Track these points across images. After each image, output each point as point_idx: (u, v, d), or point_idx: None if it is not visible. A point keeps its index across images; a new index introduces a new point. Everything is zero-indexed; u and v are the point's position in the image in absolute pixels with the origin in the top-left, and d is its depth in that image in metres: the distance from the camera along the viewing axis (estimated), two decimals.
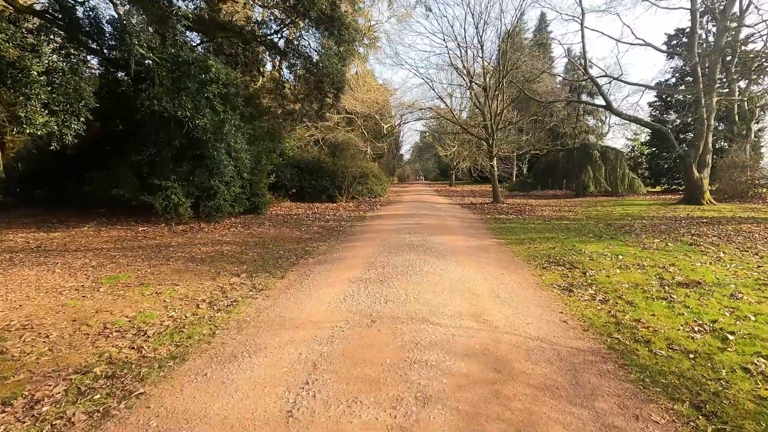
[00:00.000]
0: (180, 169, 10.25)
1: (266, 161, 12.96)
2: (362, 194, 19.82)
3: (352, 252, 7.27)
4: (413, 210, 15.00)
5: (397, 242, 8.12)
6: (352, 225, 11.17)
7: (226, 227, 10.34)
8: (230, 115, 9.11)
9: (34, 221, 10.38)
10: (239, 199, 11.56)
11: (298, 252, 7.51)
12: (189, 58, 8.38)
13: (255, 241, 8.67)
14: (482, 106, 17.97)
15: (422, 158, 75.11)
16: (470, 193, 27.40)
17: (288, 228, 10.50)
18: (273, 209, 14.40)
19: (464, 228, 10.53)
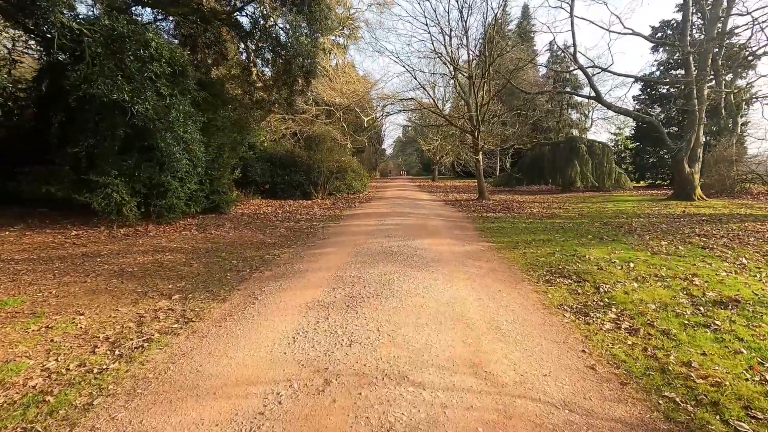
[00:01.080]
0: (124, 162, 8.86)
1: (230, 154, 11.60)
2: (340, 190, 18.57)
3: (318, 262, 6.09)
4: (394, 208, 13.88)
5: (373, 248, 6.96)
6: (325, 226, 9.96)
7: (179, 230, 9.00)
8: (178, 100, 7.76)
9: None
10: (196, 198, 10.20)
11: (254, 262, 6.28)
12: (125, 31, 6.99)
13: (207, 247, 7.39)
14: (467, 96, 16.91)
15: (405, 153, 74.15)
16: (454, 189, 26.46)
17: (250, 230, 9.22)
18: (239, 208, 13.05)
19: (450, 229, 9.46)
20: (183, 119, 7.80)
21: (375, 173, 57.03)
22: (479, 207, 14.23)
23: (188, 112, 8.17)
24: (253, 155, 16.55)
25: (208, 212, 11.13)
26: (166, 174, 9.27)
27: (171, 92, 7.67)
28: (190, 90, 8.42)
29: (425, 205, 15.26)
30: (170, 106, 7.54)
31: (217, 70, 13.32)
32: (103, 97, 7.62)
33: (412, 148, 62.30)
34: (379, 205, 14.69)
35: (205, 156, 10.58)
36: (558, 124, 36.25)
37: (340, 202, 15.97)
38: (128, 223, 8.90)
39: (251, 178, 16.03)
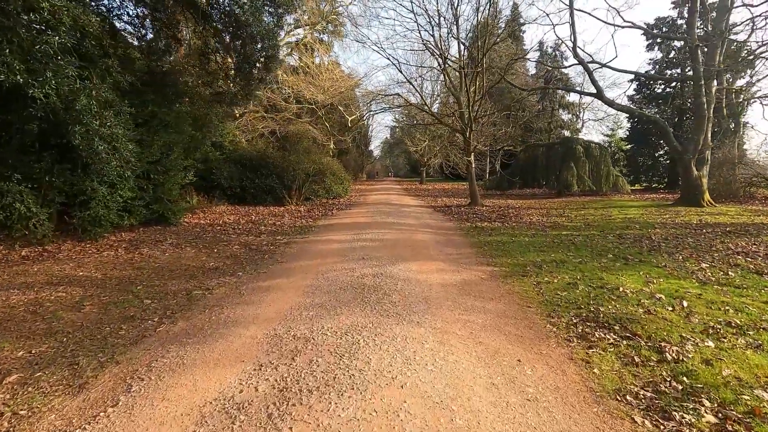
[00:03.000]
0: (36, 164, 7.04)
1: (181, 155, 9.79)
2: (318, 195, 16.82)
3: (259, 304, 4.36)
4: (376, 216, 12.20)
5: (339, 279, 5.27)
6: (289, 241, 8.24)
7: (102, 249, 7.19)
8: (93, 85, 5.98)
9: None
10: (133, 207, 8.39)
11: (173, 302, 4.55)
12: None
13: (125, 275, 5.62)
14: (458, 92, 15.36)
15: (393, 154, 72.68)
16: (443, 192, 24.92)
17: (195, 248, 7.46)
18: (197, 217, 11.24)
19: (441, 245, 7.83)
20: (98, 109, 6.03)
21: (362, 175, 55.32)
22: (472, 215, 12.65)
23: (108, 100, 6.38)
24: (220, 156, 14.74)
25: (152, 224, 9.31)
26: (92, 179, 7.47)
27: (81, 73, 5.90)
28: (110, 72, 6.64)
29: (411, 212, 13.62)
30: (78, 91, 5.76)
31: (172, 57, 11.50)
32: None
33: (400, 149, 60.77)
34: (359, 213, 12.99)
35: (146, 157, 8.78)
36: (549, 125, 35.06)
37: (316, 208, 14.24)
38: (38, 240, 7.06)
39: (216, 182, 14.22)
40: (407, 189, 29.19)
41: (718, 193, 16.52)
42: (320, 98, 25.81)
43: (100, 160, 7.06)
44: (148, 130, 9.17)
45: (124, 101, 6.94)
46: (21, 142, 7.06)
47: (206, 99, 11.80)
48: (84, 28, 5.84)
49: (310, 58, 29.94)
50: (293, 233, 9.24)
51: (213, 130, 13.31)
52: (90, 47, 6.28)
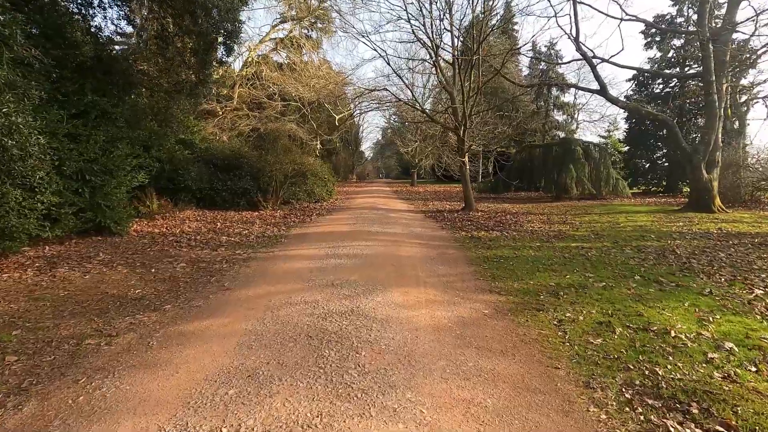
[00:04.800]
0: None
1: (126, 152, 8.32)
2: (299, 198, 15.38)
3: (160, 374, 2.95)
4: (359, 223, 10.83)
5: (293, 320, 3.90)
6: (249, 257, 6.84)
7: (8, 268, 5.73)
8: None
9: None
10: (60, 215, 6.92)
11: (44, 364, 3.14)
12: None
13: (7, 312, 4.19)
14: (451, 86, 14.07)
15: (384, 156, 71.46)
16: (435, 195, 23.63)
17: (128, 268, 6.02)
18: (150, 224, 9.77)
19: (431, 262, 6.49)
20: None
21: (352, 177, 53.96)
22: (467, 222, 11.35)
23: (6, 80, 4.95)
24: (189, 155, 13.27)
25: (90, 234, 7.84)
26: (3, 180, 6.00)
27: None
28: (11, 45, 5.21)
29: (400, 219, 12.27)
30: None
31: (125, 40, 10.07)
32: None
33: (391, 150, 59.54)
34: (340, 220, 11.60)
35: (79, 154, 7.33)
36: (544, 126, 34.01)
37: (293, 214, 12.82)
38: None
39: (183, 183, 12.73)
40: (397, 191, 27.87)
41: (724, 198, 15.45)
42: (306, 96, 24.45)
43: (8, 158, 5.62)
44: (85, 122, 7.73)
45: (30, 83, 5.49)
46: None
47: (166, 90, 10.37)
48: None
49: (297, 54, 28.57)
50: (258, 245, 7.84)
51: (176, 125, 11.88)
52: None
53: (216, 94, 22.68)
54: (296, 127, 27.12)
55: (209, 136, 18.82)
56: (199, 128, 15.61)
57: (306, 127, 28.52)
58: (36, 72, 6.18)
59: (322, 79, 24.22)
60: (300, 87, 23.84)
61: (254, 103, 27.69)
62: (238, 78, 26.43)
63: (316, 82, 23.49)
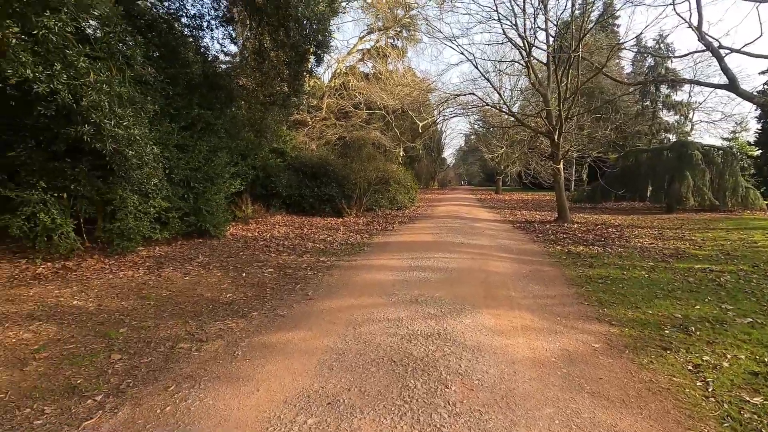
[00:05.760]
0: (69, 172, 6.45)
1: (225, 160, 8.92)
2: (381, 205, 15.42)
3: (242, 389, 2.89)
4: (442, 232, 10.42)
5: (375, 340, 3.65)
6: (333, 265, 6.83)
7: (124, 266, 6.35)
8: (104, 76, 5.11)
9: None
10: (169, 219, 7.57)
11: (141, 365, 3.27)
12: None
13: (118, 309, 4.55)
14: (545, 88, 13.06)
15: (466, 162, 69.97)
16: (522, 204, 22.26)
17: (222, 271, 6.34)
18: (245, 228, 10.38)
19: (524, 280, 5.88)
20: (110, 106, 5.16)
21: (433, 183, 53.52)
22: (562, 234, 10.34)
23: (127, 96, 5.50)
24: (281, 163, 14.04)
25: (194, 236, 8.50)
26: (123, 186, 6.71)
27: (92, 66, 5.06)
28: (132, 65, 5.79)
29: (486, 229, 11.60)
30: (87, 85, 4.92)
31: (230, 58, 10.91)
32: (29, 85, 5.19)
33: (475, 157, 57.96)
34: (423, 229, 11.29)
35: (186, 163, 7.99)
36: (651, 128, 30.40)
37: (376, 221, 12.82)
38: (62, 254, 6.42)
39: (275, 190, 13.45)
40: (481, 199, 26.82)
41: None
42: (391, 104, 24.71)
43: (130, 166, 6.26)
44: (192, 134, 8.42)
45: (146, 98, 6.04)
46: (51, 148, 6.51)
47: (262, 102, 11.01)
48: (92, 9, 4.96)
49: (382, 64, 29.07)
50: (342, 253, 7.84)
51: (271, 135, 12.58)
52: (105, 34, 5.43)
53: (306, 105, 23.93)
54: (380, 135, 27.51)
55: (299, 144, 19.80)
56: (290, 137, 16.45)
57: (390, 135, 28.81)
58: (152, 89, 6.83)
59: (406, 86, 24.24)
60: (385, 95, 24.13)
61: (341, 112, 28.72)
62: (327, 89, 27.63)
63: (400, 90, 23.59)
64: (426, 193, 31.51)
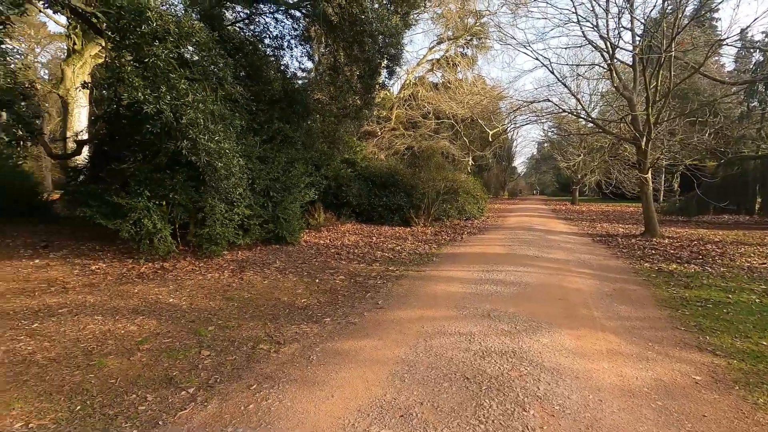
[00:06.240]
0: (169, 182, 7.22)
1: (301, 171, 9.39)
2: (449, 215, 15.23)
3: (317, 393, 2.98)
4: (515, 245, 10.01)
5: (447, 354, 3.57)
6: (402, 275, 6.86)
7: (212, 269, 6.91)
8: (200, 96, 5.67)
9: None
10: (250, 225, 8.13)
11: (227, 362, 3.52)
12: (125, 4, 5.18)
13: (207, 308, 4.96)
14: (629, 91, 12.10)
15: (539, 171, 66.94)
16: (602, 216, 20.70)
17: (297, 276, 6.65)
18: (317, 236, 10.81)
19: (608, 299, 5.44)
20: (204, 123, 5.70)
21: (503, 193, 51.87)
22: (650, 250, 9.43)
23: (219, 113, 6.04)
24: (351, 173, 14.49)
25: (271, 242, 9.03)
26: (213, 195, 7.35)
27: (190, 87, 5.64)
28: (221, 81, 6.34)
29: (562, 241, 10.95)
30: (186, 105, 5.48)
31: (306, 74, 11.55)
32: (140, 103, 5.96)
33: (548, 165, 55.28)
34: (493, 240, 10.94)
35: (267, 174, 8.54)
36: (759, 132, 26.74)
37: (444, 231, 12.68)
38: (160, 256, 7.16)
39: (346, 199, 13.89)
40: (555, 210, 25.40)
41: None
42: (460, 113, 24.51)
43: (218, 177, 6.84)
44: (272, 146, 9.00)
45: (235, 115, 6.58)
46: (154, 160, 7.34)
47: (335, 114, 11.48)
48: (187, 34, 5.54)
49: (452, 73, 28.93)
50: (410, 263, 7.85)
51: (342, 146, 13.04)
52: (201, 58, 6.03)
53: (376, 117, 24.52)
54: (449, 144, 27.36)
55: (369, 155, 20.29)
56: (360, 148, 16.93)
57: (458, 144, 28.49)
58: (240, 106, 7.42)
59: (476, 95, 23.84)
60: (454, 104, 23.96)
61: (410, 122, 29.01)
62: (396, 100, 28.09)
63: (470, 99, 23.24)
64: (495, 203, 30.57)
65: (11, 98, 6.66)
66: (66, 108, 16.84)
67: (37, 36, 29.92)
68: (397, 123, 28.08)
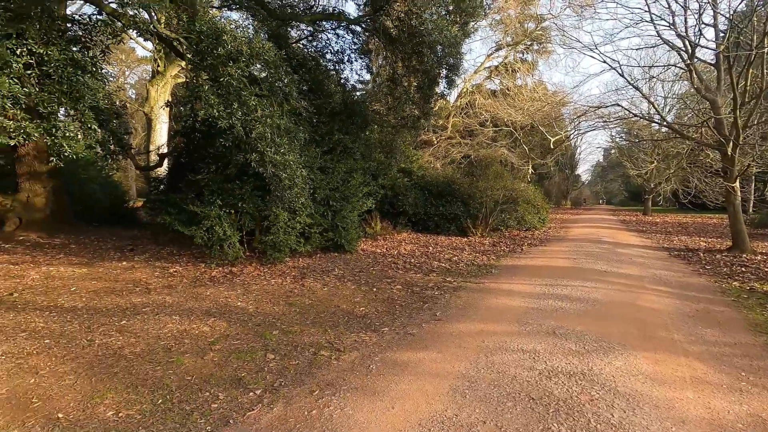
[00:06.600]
0: (238, 191, 7.72)
1: (360, 180, 9.60)
2: (508, 225, 14.75)
3: (377, 404, 3.00)
4: (580, 258, 9.46)
5: (510, 372, 3.43)
6: (459, 286, 6.74)
7: (275, 275, 7.23)
8: (267, 111, 6.02)
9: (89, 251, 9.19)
10: (311, 234, 8.42)
11: (290, 367, 3.65)
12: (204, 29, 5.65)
13: (272, 313, 5.19)
14: (713, 93, 11.06)
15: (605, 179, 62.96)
16: (680, 228, 18.98)
17: (355, 284, 6.76)
18: (374, 245, 10.94)
19: (691, 322, 4.95)
20: (271, 136, 6.03)
21: (565, 202, 49.47)
22: (739, 267, 8.48)
23: (284, 127, 6.37)
24: (408, 182, 14.56)
25: (329, 250, 9.27)
26: (277, 204, 7.72)
27: (259, 102, 6.00)
28: (287, 97, 6.67)
29: (634, 255, 10.18)
30: (256, 120, 5.84)
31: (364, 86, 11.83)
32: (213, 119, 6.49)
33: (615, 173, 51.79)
34: (556, 252, 10.43)
35: (327, 184, 8.83)
36: None
37: (503, 241, 12.29)
38: (229, 261, 7.62)
39: (402, 208, 13.96)
40: (625, 221, 23.69)
41: None
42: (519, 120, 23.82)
43: (283, 188, 7.19)
44: (332, 157, 9.29)
45: (299, 128, 6.90)
46: (225, 172, 7.87)
47: (393, 125, 11.63)
48: (258, 54, 5.91)
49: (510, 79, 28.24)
50: (468, 274, 7.70)
51: (399, 155, 13.15)
52: (268, 75, 6.40)
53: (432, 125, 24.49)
54: (507, 152, 26.64)
55: (425, 164, 20.28)
56: (417, 157, 16.98)
57: (517, 152, 27.63)
58: (303, 119, 7.76)
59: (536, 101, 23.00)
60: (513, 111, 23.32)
61: (466, 130, 28.64)
62: (453, 108, 27.90)
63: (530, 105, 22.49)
64: (557, 213, 29.17)
65: (107, 117, 7.49)
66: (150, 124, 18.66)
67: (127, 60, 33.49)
68: (453, 131, 27.84)
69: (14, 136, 5.09)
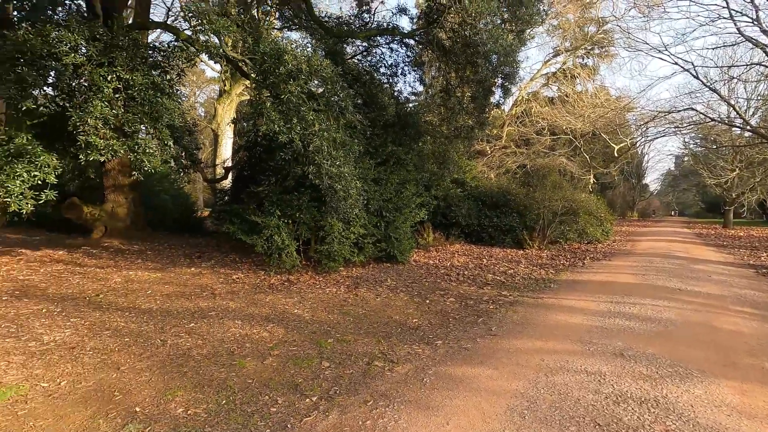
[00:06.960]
0: (296, 202, 8.06)
1: (412, 191, 9.63)
2: (568, 238, 14.02)
3: (432, 419, 2.96)
4: (649, 275, 8.76)
5: (573, 395, 3.23)
6: (516, 301, 6.50)
7: (330, 284, 7.40)
8: (324, 125, 6.24)
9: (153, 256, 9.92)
10: (364, 244, 8.54)
11: (345, 376, 3.70)
12: (268, 50, 6.00)
13: (327, 321, 5.31)
14: None
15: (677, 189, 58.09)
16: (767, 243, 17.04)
17: (407, 296, 6.75)
18: (426, 256, 10.87)
19: None
20: (328, 149, 6.24)
21: (631, 213, 46.27)
22: None
23: (340, 140, 6.57)
24: (461, 193, 14.37)
25: (382, 261, 9.35)
26: (332, 215, 7.95)
27: (316, 117, 6.24)
28: (344, 114, 6.88)
29: (713, 273, 9.26)
30: (313, 134, 6.08)
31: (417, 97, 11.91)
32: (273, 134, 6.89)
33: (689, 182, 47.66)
34: (621, 267, 9.75)
35: (381, 195, 8.94)
36: None
37: (562, 255, 11.71)
38: (286, 269, 7.92)
39: (455, 219, 13.78)
40: (701, 235, 21.65)
41: None
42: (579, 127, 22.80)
43: (337, 198, 7.39)
44: (386, 169, 9.41)
45: (354, 141, 7.08)
46: (284, 183, 8.24)
47: (446, 136, 11.58)
48: (316, 70, 6.17)
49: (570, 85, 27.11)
50: (524, 288, 7.41)
51: (452, 166, 13.03)
52: (325, 90, 6.65)
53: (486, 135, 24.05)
54: (566, 162, 25.54)
55: (478, 174, 19.92)
56: (470, 167, 16.74)
57: (577, 161, 26.40)
58: (357, 132, 7.96)
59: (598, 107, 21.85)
60: (572, 119, 22.37)
61: (522, 139, 27.83)
62: (507, 117, 27.26)
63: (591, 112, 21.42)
64: (623, 225, 27.33)
65: (181, 134, 8.15)
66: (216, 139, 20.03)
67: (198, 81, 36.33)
68: (508, 141, 27.17)
69: (104, 153, 5.67)
